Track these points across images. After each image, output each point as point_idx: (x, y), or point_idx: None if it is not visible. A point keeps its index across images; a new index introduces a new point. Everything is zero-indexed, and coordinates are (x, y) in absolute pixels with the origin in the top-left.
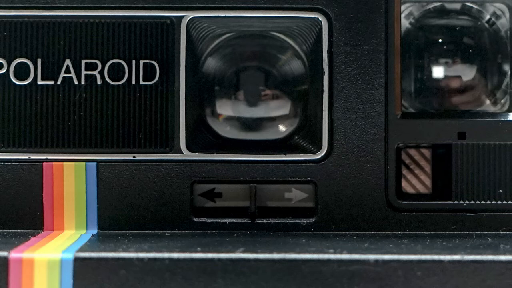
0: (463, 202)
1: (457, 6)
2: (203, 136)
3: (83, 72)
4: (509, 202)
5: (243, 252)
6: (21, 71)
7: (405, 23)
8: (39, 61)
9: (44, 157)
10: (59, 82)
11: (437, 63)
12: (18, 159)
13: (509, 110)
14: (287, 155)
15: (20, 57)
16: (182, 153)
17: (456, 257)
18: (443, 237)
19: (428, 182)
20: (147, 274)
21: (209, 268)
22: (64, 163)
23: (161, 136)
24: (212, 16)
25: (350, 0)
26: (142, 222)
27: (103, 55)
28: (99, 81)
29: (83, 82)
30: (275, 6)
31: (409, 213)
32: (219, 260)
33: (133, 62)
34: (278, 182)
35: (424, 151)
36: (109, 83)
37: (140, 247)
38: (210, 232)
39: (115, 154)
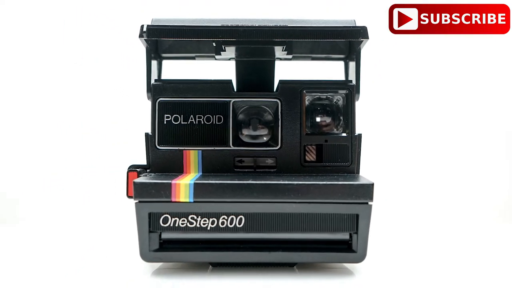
0: (328, 163)
1: (324, 96)
2: (238, 140)
3: (197, 119)
4: (344, 163)
5: (252, 180)
6: (176, 118)
7: (306, 103)
8: (182, 115)
9: (183, 148)
10: (188, 122)
11: (317, 116)
12: (174, 149)
13: (342, 132)
14: (267, 147)
15: (172, 113)
16: (231, 147)
17: (322, 182)
18: (319, 176)
19: (314, 156)
20: (218, 189)
21: (240, 186)
22: (190, 150)
23: (224, 140)
24: (240, 101)
25: (289, 96)
26: (216, 171)
27: (204, 113)
28: (203, 123)
29: (197, 123)
30: (261, 95)
31: (308, 167)
32: (243, 183)
33: (215, 115)
34: (263, 156)
35: (313, 146)
36: (206, 123)
37: (216, 179)
38: (240, 174)
39: (208, 147)
